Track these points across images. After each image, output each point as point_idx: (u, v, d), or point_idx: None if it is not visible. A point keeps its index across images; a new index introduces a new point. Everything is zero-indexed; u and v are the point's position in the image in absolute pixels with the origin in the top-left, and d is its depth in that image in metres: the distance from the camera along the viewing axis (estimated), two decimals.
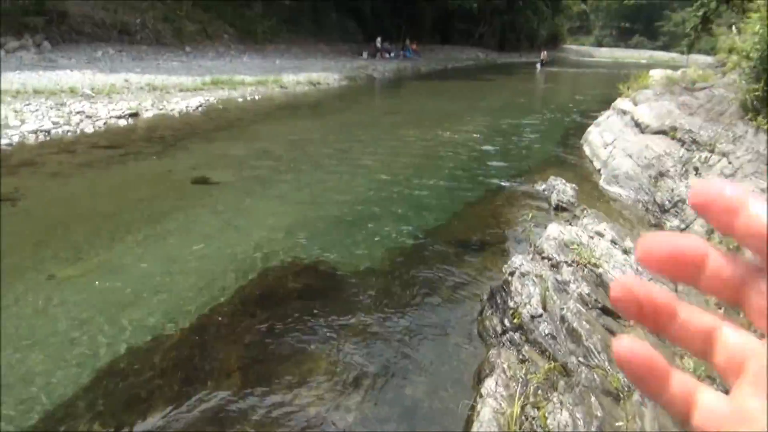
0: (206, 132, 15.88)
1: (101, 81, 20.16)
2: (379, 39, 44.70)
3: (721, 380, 0.40)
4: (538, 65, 49.69)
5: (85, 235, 7.85)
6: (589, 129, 14.73)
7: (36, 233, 7.89)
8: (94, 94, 18.65)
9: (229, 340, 5.55)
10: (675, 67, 19.59)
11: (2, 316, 5.80)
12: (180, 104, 19.42)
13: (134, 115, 17.25)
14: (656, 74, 15.35)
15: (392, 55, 44.88)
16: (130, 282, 6.51)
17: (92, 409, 4.60)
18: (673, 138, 10.05)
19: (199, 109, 19.45)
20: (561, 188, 10.09)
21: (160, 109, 18.38)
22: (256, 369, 5.08)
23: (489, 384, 4.38)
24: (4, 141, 13.06)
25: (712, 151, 8.72)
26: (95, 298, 6.19)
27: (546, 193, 10.30)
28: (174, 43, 31.25)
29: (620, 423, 3.82)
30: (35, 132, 14.11)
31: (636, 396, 4.06)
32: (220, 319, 5.91)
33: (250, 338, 5.58)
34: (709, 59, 22.30)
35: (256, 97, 23.18)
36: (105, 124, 15.89)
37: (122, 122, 16.41)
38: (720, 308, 3.45)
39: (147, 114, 17.67)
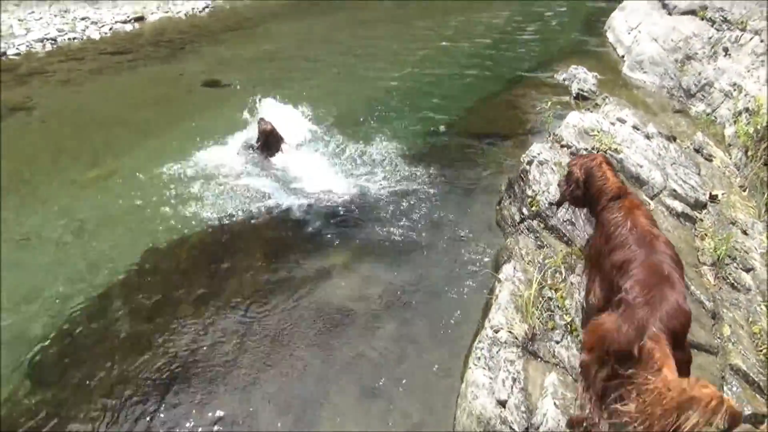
0: (214, 34, 15.42)
1: None
2: None
3: None
4: None
5: (102, 140, 7.88)
6: (613, 14, 13.95)
7: (53, 140, 7.94)
8: None
9: (249, 238, 5.65)
10: None
11: (30, 219, 5.97)
12: (186, 6, 18.75)
13: (140, 19, 16.76)
14: None
15: None
16: (150, 184, 6.58)
17: (124, 305, 4.80)
18: (702, 18, 9.49)
19: (206, 10, 18.78)
20: (582, 77, 9.73)
21: (166, 12, 17.79)
22: (280, 262, 5.20)
23: (507, 269, 4.43)
24: (12, 51, 12.89)
25: (743, 30, 8.24)
26: (118, 201, 6.29)
27: (567, 82, 9.94)
28: None
29: None
30: (42, 40, 13.87)
31: None
32: (239, 218, 5.98)
33: (272, 234, 5.68)
34: None
35: None
36: (111, 29, 15.50)
37: (128, 27, 15.98)
38: None
39: (153, 17, 17.14)
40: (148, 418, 3.69)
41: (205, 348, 4.25)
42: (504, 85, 10.32)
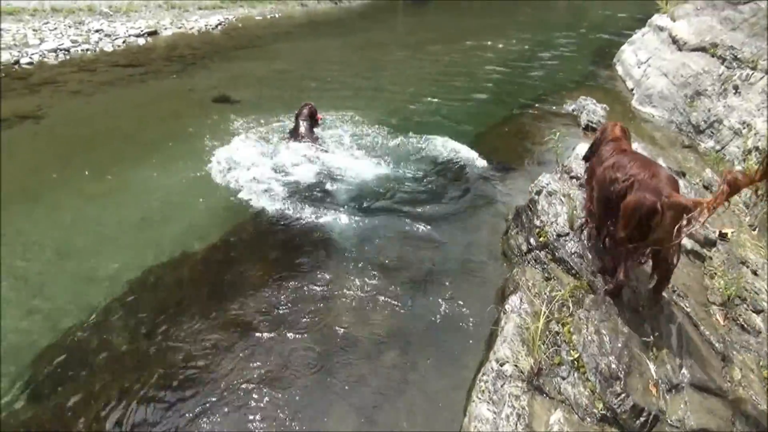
0: (226, 50, 15.56)
1: None
2: None
3: None
4: None
5: (110, 153, 7.87)
6: (623, 47, 14.08)
7: (61, 151, 7.93)
8: (111, 12, 18.28)
9: (254, 257, 5.60)
10: None
11: (33, 230, 5.94)
12: (199, 22, 19.00)
13: (153, 33, 16.94)
14: None
15: None
16: (155, 199, 6.55)
17: (125, 319, 4.72)
18: (712, 55, 9.52)
19: (219, 27, 19.02)
20: (591, 108, 9.76)
21: (179, 28, 18.01)
22: (284, 281, 5.13)
23: (513, 301, 4.37)
24: (25, 60, 12.98)
25: (754, 68, 8.26)
26: (122, 215, 6.26)
27: (575, 112, 9.97)
28: None
29: (646, 339, 3.80)
30: (55, 51, 13.98)
31: (663, 313, 4.02)
32: (244, 235, 5.94)
33: (277, 252, 5.63)
34: None
35: (276, 15, 22.55)
36: (124, 42, 15.65)
37: (141, 41, 16.14)
38: None
39: (166, 32, 17.33)
40: None
41: (203, 367, 4.17)
42: (512, 113, 10.36)
